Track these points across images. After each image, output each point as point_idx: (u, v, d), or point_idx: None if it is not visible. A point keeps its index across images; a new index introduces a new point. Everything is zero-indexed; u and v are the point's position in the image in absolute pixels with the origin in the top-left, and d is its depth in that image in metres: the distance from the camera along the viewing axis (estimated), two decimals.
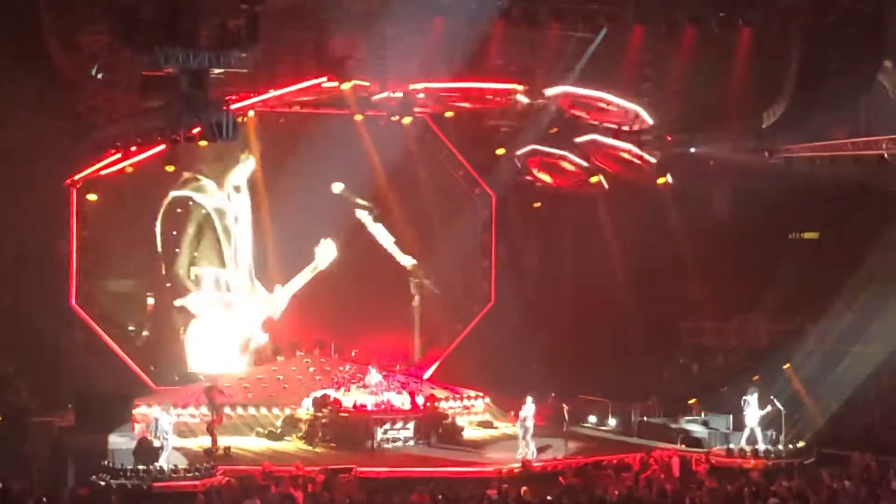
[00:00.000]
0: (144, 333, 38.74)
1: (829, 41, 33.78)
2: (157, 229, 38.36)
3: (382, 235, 40.75)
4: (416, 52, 34.42)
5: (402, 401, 35.43)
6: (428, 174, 41.05)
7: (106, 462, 29.25)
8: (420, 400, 35.57)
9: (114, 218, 37.34)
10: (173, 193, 38.42)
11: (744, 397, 32.38)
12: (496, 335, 40.70)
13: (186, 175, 38.33)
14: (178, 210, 38.94)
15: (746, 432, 32.33)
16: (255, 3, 28.91)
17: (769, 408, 32.01)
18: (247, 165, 39.00)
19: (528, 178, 42.00)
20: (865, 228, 38.22)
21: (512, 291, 41.44)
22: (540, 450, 32.49)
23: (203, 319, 38.68)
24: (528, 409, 32.57)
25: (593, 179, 40.32)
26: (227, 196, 38.93)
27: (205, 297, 38.86)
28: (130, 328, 38.73)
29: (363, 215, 40.83)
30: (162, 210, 38.42)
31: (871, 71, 34.53)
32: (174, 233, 38.83)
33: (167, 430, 29.63)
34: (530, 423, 32.50)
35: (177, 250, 38.93)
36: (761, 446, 31.96)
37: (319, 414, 34.50)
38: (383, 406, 35.01)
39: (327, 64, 34.46)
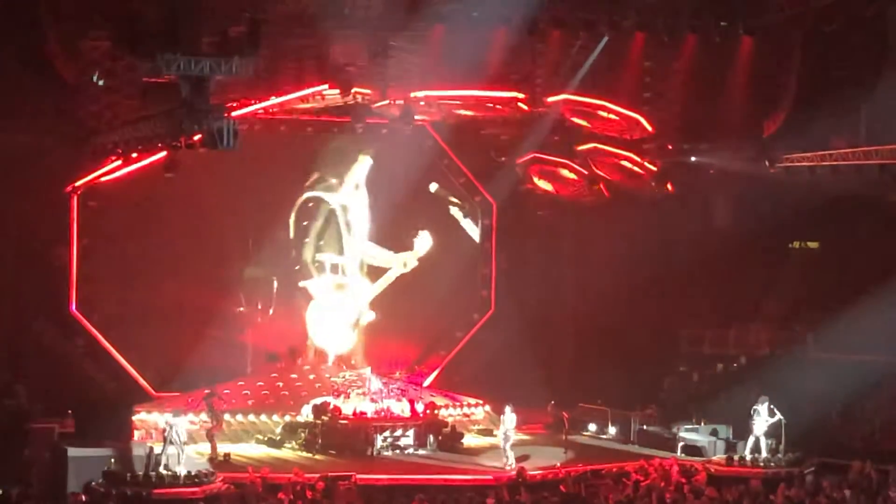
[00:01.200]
0: None
1: (829, 50, 33.82)
2: (291, 221, 40.07)
3: (473, 231, 42.09)
4: (418, 59, 34.44)
5: (401, 408, 35.43)
6: (428, 182, 41.17)
7: (106, 468, 29.24)
8: (420, 407, 35.56)
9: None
10: (307, 194, 40.07)
11: (754, 406, 32.32)
12: (496, 343, 40.70)
13: (315, 175, 39.85)
14: (310, 205, 40.24)
15: (751, 441, 32.28)
16: (257, 10, 28.96)
17: (777, 416, 31.99)
18: (364, 165, 40.04)
19: (529, 186, 42.01)
20: (866, 238, 38.24)
21: (512, 299, 41.41)
22: (519, 459, 32.39)
23: (320, 300, 40.05)
24: (509, 418, 32.51)
25: (594, 188, 40.33)
26: (348, 193, 40.15)
27: (324, 280, 40.21)
28: None
29: (455, 211, 42.05)
30: (297, 206, 40.01)
31: (872, 80, 34.53)
32: (304, 223, 40.29)
33: (182, 434, 29.66)
34: (511, 433, 32.44)
35: (306, 240, 40.26)
36: (764, 454, 31.93)
37: (319, 421, 34.49)
38: (383, 413, 35.00)
39: (328, 71, 34.48)
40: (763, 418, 32.12)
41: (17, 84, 32.14)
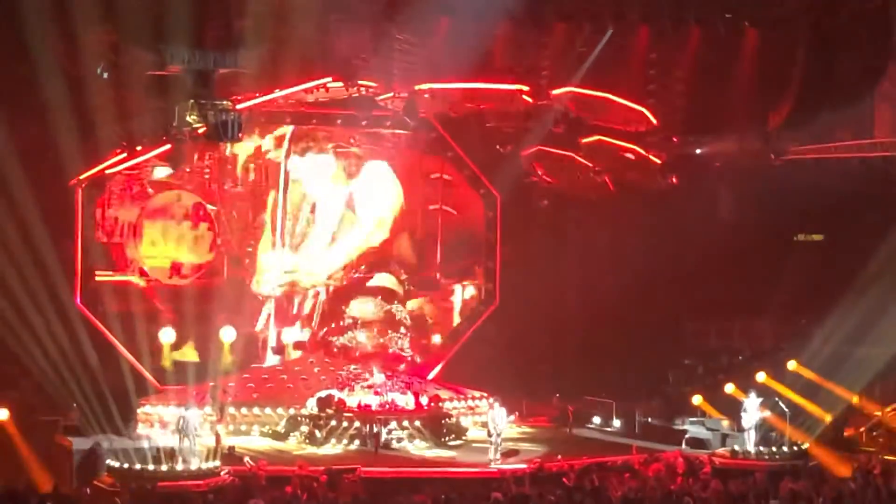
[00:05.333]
0: None
1: (834, 43, 33.77)
2: None
3: None
4: (423, 52, 34.42)
5: (406, 401, 35.39)
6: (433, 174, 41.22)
7: (110, 462, 29.25)
8: (424, 400, 35.54)
9: None
10: None
11: (742, 400, 32.40)
12: (501, 336, 40.68)
13: None
14: None
15: (743, 435, 32.35)
16: (262, 3, 28.98)
17: (768, 413, 32.01)
18: None
19: (534, 178, 41.98)
20: (871, 230, 38.20)
21: (517, 292, 41.38)
22: (507, 454, 32.33)
23: None
24: (498, 413, 32.40)
25: (598, 180, 40.31)
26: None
27: None
28: None
29: None
30: None
31: (877, 73, 34.49)
32: None
33: (196, 426, 29.74)
34: (502, 426, 32.34)
35: None
36: (752, 449, 31.90)
37: (324, 414, 34.50)
38: (388, 406, 34.99)
39: (333, 64, 34.47)
40: (752, 413, 32.15)
41: (22, 77, 32.12)
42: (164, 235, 39.04)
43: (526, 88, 36.34)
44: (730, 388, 34.20)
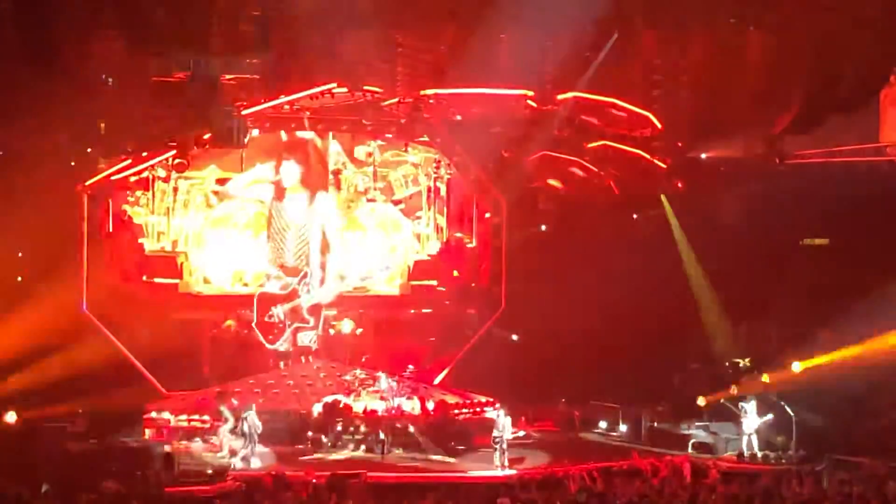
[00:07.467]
0: None
1: (840, 47, 33.76)
2: None
3: None
4: (427, 57, 34.47)
5: (412, 406, 35.43)
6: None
7: (116, 468, 29.30)
8: (430, 405, 35.56)
9: None
10: None
11: (741, 404, 32.44)
12: (507, 340, 40.69)
13: None
14: None
15: (744, 440, 32.38)
16: (267, 9, 29.05)
17: (770, 416, 32.03)
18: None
19: (539, 183, 42.02)
20: (877, 234, 38.18)
21: (522, 296, 41.42)
22: (514, 461, 32.29)
23: None
24: (503, 421, 32.37)
25: (603, 185, 40.33)
26: None
27: None
28: None
29: None
30: None
31: (883, 76, 34.48)
32: None
33: (257, 427, 29.97)
34: (507, 434, 32.30)
35: None
36: (759, 453, 31.94)
37: (329, 419, 34.51)
38: (394, 411, 35.02)
39: (338, 69, 34.54)
40: (752, 417, 32.18)
41: (28, 83, 32.19)
42: (227, 244, 39.57)
43: (531, 93, 36.37)
44: (733, 391, 34.23)
